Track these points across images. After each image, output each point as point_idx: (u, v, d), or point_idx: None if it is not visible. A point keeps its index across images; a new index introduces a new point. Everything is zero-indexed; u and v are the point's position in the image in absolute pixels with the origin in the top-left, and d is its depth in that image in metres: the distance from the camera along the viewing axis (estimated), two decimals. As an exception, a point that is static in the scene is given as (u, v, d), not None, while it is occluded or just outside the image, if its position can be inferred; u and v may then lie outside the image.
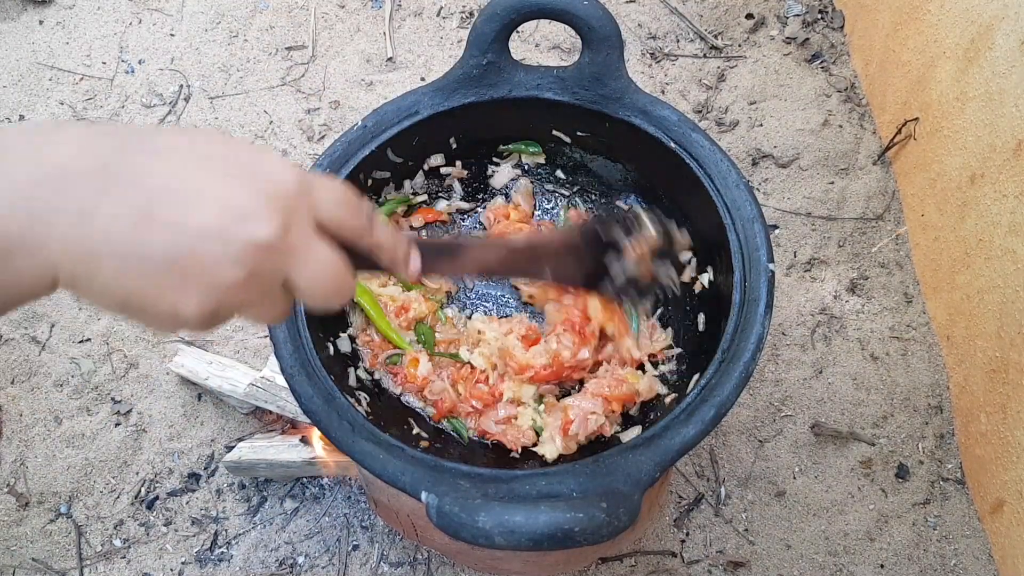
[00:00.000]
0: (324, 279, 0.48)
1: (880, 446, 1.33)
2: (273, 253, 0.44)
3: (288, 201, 0.45)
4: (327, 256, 0.48)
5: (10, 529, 1.30)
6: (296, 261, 0.46)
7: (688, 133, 0.92)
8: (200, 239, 0.42)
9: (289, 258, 0.46)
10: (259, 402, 1.30)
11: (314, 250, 0.47)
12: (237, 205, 0.43)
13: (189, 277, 0.42)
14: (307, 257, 0.47)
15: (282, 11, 1.81)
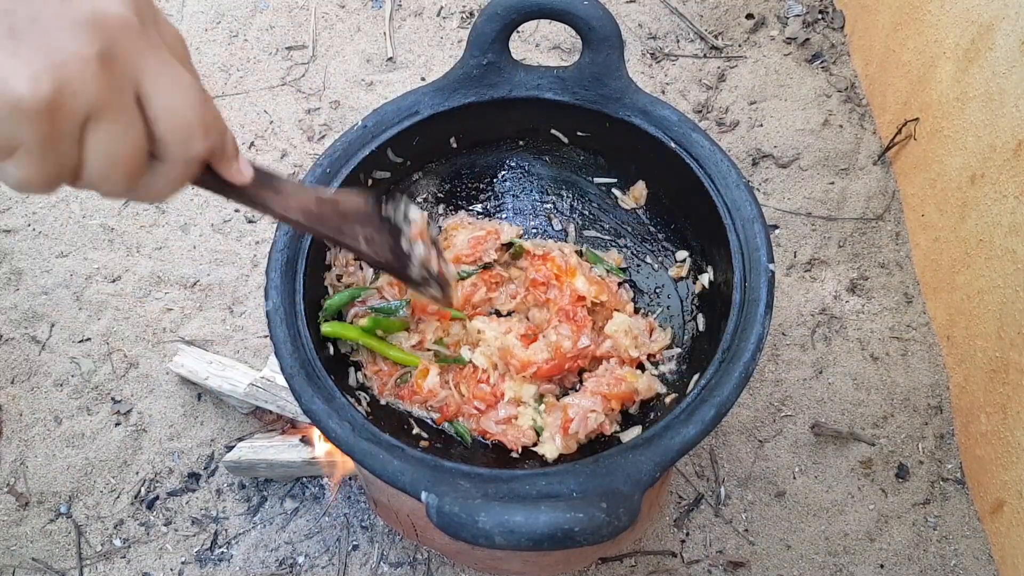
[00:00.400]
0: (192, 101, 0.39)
1: (880, 446, 1.33)
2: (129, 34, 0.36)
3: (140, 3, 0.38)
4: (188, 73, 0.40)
5: (10, 529, 1.30)
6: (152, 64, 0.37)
7: (688, 133, 0.92)
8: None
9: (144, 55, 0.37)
10: (259, 402, 1.30)
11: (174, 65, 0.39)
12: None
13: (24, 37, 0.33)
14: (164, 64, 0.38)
15: (282, 11, 1.80)
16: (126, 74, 0.37)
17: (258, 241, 1.54)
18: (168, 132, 0.39)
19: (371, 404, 0.90)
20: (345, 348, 0.95)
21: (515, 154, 1.08)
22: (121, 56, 0.36)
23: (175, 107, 0.38)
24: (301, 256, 0.88)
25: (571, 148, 1.05)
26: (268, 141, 1.65)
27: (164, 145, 0.39)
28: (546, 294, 0.98)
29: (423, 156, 1.03)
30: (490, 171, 1.09)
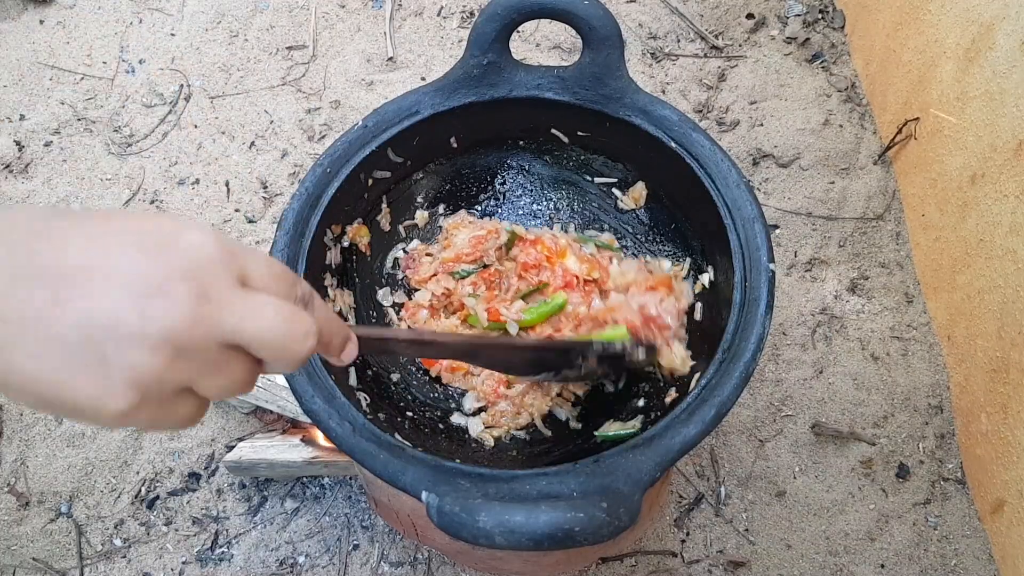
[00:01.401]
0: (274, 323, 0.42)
1: (880, 446, 1.33)
2: (198, 321, 0.40)
3: (207, 266, 0.41)
4: (268, 301, 0.43)
5: (10, 528, 1.30)
6: (230, 316, 0.41)
7: (689, 133, 0.92)
8: (111, 320, 0.38)
9: (220, 315, 0.41)
10: (260, 402, 1.31)
11: (249, 301, 0.42)
12: (145, 278, 0.39)
13: (105, 361, 0.38)
14: (243, 308, 0.42)
15: (282, 11, 1.81)
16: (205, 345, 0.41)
17: (258, 241, 1.54)
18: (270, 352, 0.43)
19: (371, 404, 0.90)
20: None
21: (515, 154, 1.08)
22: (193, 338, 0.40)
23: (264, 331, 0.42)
24: (301, 256, 0.88)
25: (571, 148, 1.05)
26: (268, 141, 1.65)
27: (266, 364, 0.45)
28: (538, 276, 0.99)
29: (423, 156, 1.03)
30: (490, 171, 1.09)
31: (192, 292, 0.40)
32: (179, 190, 1.60)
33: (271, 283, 0.45)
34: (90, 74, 1.74)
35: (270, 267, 0.45)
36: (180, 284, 0.40)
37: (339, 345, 0.53)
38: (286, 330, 0.43)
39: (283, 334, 0.43)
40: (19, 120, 1.68)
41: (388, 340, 0.65)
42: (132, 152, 1.64)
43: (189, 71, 1.74)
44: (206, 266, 0.41)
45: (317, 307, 0.49)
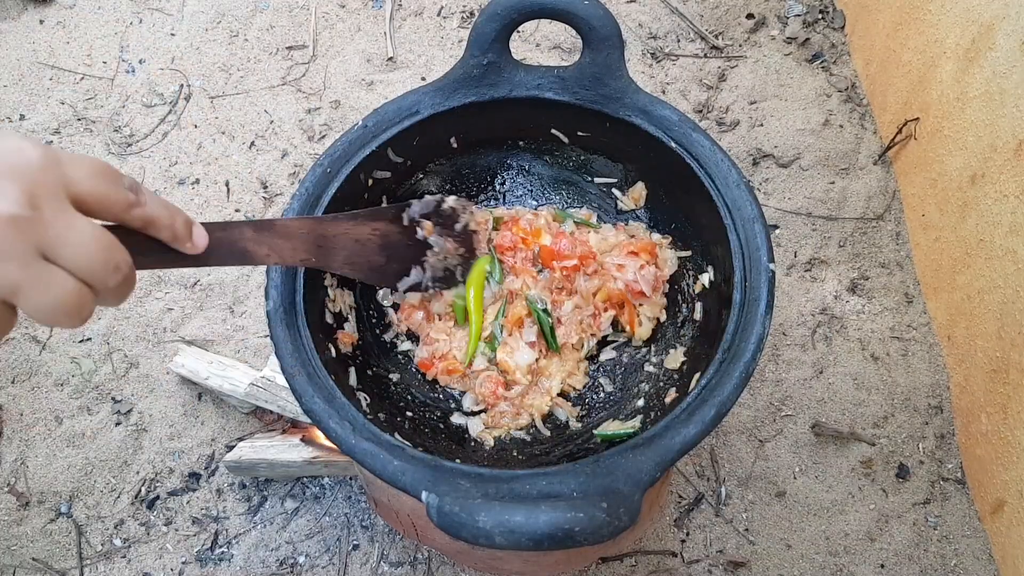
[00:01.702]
0: (91, 250, 0.45)
1: (880, 446, 1.33)
2: (21, 226, 0.42)
3: (32, 172, 0.43)
4: (88, 227, 0.45)
5: (10, 529, 1.30)
6: (53, 234, 0.44)
7: (689, 133, 0.92)
8: None
9: (44, 231, 0.43)
10: (259, 402, 1.30)
11: (71, 221, 0.45)
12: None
13: None
14: (65, 229, 0.44)
15: (283, 11, 1.81)
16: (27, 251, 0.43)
17: (258, 241, 1.54)
18: (88, 277, 0.45)
19: (371, 404, 0.90)
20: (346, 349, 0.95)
21: (515, 154, 1.08)
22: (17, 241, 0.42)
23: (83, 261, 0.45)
24: (301, 256, 0.88)
25: (571, 148, 1.05)
26: (268, 141, 1.65)
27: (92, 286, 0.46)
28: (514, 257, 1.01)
29: (423, 156, 1.03)
30: (490, 171, 1.09)
31: (19, 193, 0.42)
32: (179, 190, 1.60)
33: (97, 184, 0.47)
34: (90, 74, 1.74)
35: (92, 166, 0.47)
36: (8, 184, 0.42)
37: (184, 229, 0.54)
38: (101, 259, 0.45)
39: (98, 261, 0.45)
40: (19, 120, 1.68)
41: (229, 227, 0.65)
42: (132, 152, 1.64)
43: (189, 71, 1.74)
44: (34, 172, 0.43)
45: (147, 196, 0.51)
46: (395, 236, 0.85)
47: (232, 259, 0.64)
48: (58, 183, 0.45)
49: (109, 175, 0.49)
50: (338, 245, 0.77)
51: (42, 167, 0.44)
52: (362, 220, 0.81)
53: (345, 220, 0.80)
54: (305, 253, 0.73)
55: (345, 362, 0.93)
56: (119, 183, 0.49)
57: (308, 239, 0.73)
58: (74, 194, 0.46)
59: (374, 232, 0.82)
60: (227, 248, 0.63)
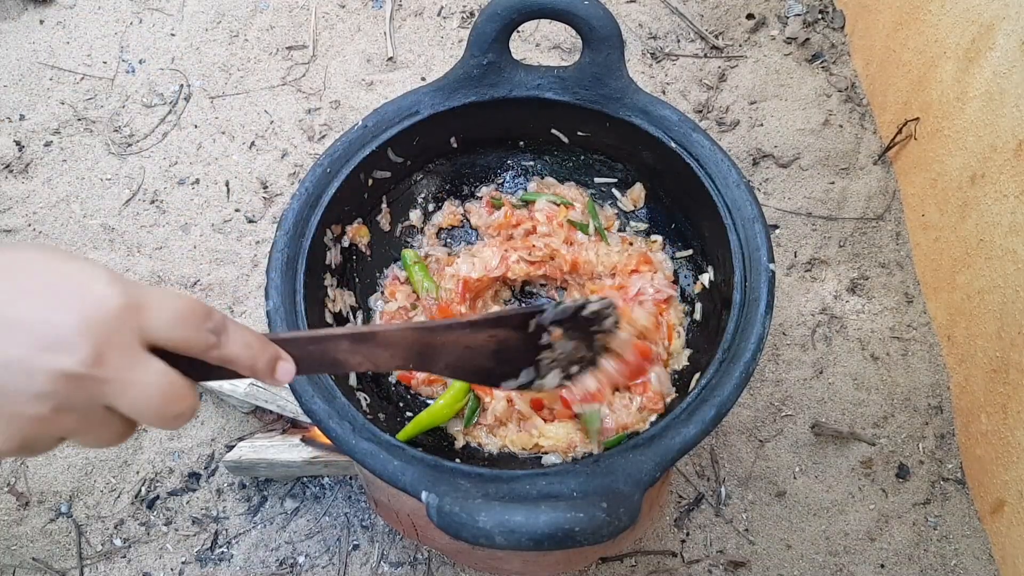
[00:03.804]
0: (152, 402, 0.45)
1: (880, 446, 1.33)
2: (83, 382, 0.42)
3: (107, 324, 0.43)
4: (155, 378, 0.45)
5: (10, 528, 1.30)
6: (115, 387, 0.44)
7: (689, 133, 0.92)
8: (2, 371, 0.40)
9: (106, 385, 0.43)
10: (259, 402, 1.31)
11: (137, 373, 0.44)
12: (45, 332, 0.41)
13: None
14: (128, 382, 0.44)
15: (283, 11, 1.81)
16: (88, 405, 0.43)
17: (258, 241, 1.54)
18: (145, 422, 0.46)
19: (371, 404, 0.90)
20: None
21: (515, 154, 1.08)
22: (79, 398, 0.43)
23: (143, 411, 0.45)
24: (301, 256, 0.88)
25: (571, 148, 1.05)
26: (268, 141, 1.65)
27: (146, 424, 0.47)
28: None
29: (423, 156, 1.03)
30: (490, 171, 1.09)
31: (88, 348, 0.42)
32: (179, 190, 1.60)
33: (176, 330, 0.47)
34: (90, 74, 1.74)
35: (175, 311, 0.47)
36: (80, 339, 0.41)
37: (266, 367, 0.53)
38: (161, 409, 0.46)
39: (158, 411, 0.46)
40: (19, 120, 1.68)
41: (324, 340, 0.61)
42: (132, 152, 1.64)
43: (189, 71, 1.74)
44: (109, 325, 0.43)
45: (231, 336, 0.50)
46: (513, 342, 0.74)
47: (322, 370, 0.62)
48: (133, 333, 0.44)
49: (192, 319, 0.48)
50: (446, 352, 0.70)
51: (120, 317, 0.44)
52: (480, 327, 0.72)
53: (459, 328, 0.71)
54: (403, 360, 0.67)
55: (345, 362, 0.93)
56: (201, 327, 0.48)
57: (411, 348, 0.67)
58: (150, 340, 0.46)
59: (490, 339, 0.73)
60: (317, 361, 0.60)
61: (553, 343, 0.76)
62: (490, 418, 0.92)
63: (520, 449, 0.91)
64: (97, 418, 0.45)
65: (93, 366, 0.42)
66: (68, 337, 0.41)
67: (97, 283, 0.44)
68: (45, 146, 1.65)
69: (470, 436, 0.93)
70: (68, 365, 0.41)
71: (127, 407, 0.45)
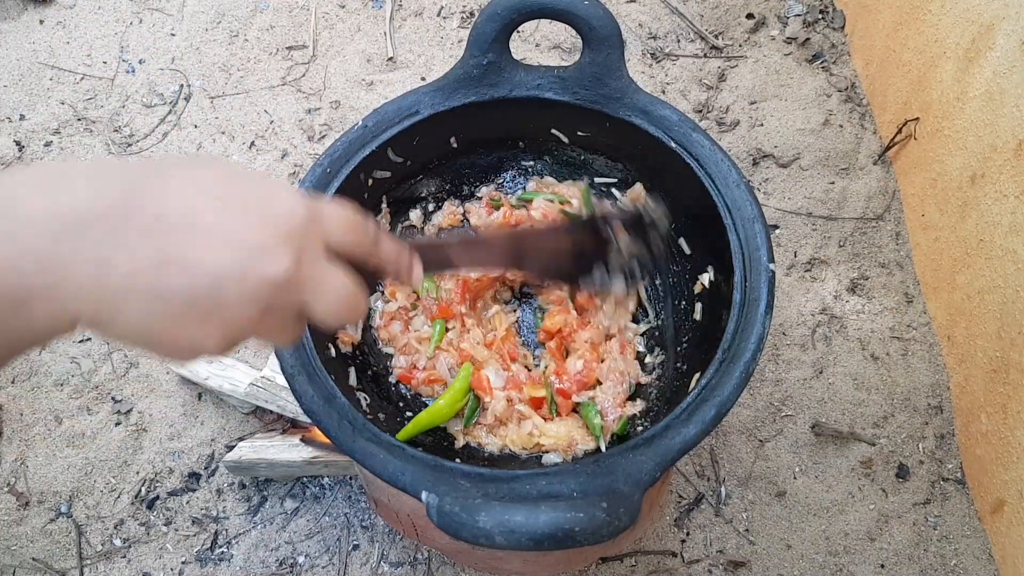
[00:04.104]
0: (340, 304, 0.49)
1: (880, 446, 1.33)
2: (288, 287, 0.45)
3: (300, 233, 0.46)
4: (341, 282, 0.49)
5: (10, 528, 1.30)
6: (311, 291, 0.47)
7: (689, 133, 0.92)
8: (217, 279, 0.42)
9: (304, 289, 0.47)
10: (260, 402, 1.30)
11: (328, 278, 0.48)
12: (251, 242, 0.43)
13: (210, 315, 0.43)
14: (322, 286, 0.48)
15: (282, 11, 1.81)
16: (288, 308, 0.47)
17: (258, 241, 1.54)
18: (328, 323, 0.50)
19: (371, 404, 0.90)
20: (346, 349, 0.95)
21: (515, 154, 1.08)
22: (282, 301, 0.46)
23: (331, 313, 0.49)
24: (301, 256, 0.87)
25: (571, 148, 1.05)
26: (268, 141, 1.65)
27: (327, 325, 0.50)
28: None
29: (423, 156, 1.03)
30: (490, 171, 1.09)
31: (290, 256, 0.45)
32: (179, 190, 1.60)
33: (348, 235, 0.51)
34: (90, 74, 1.74)
35: (345, 221, 0.51)
36: (281, 247, 0.44)
37: (406, 270, 0.60)
38: (345, 314, 0.50)
39: (343, 312, 0.50)
40: (19, 120, 1.68)
41: (442, 247, 0.70)
42: (132, 152, 1.64)
43: (189, 71, 1.74)
44: (300, 230, 0.46)
45: (384, 242, 0.56)
46: (588, 243, 0.85)
47: (438, 270, 0.72)
48: (319, 241, 0.48)
49: (358, 226, 0.52)
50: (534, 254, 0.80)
51: (309, 226, 0.47)
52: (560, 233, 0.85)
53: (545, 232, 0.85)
54: (501, 260, 0.78)
55: (345, 362, 0.93)
56: (364, 233, 0.53)
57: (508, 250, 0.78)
58: (329, 246, 0.49)
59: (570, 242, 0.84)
60: (436, 262, 0.69)
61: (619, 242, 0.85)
62: (490, 418, 0.92)
63: (521, 449, 0.91)
64: (292, 319, 0.48)
65: (295, 271, 0.45)
66: (273, 246, 0.44)
67: (284, 194, 0.47)
68: (45, 146, 1.65)
69: (470, 436, 0.93)
70: (275, 271, 0.44)
71: (318, 309, 0.48)
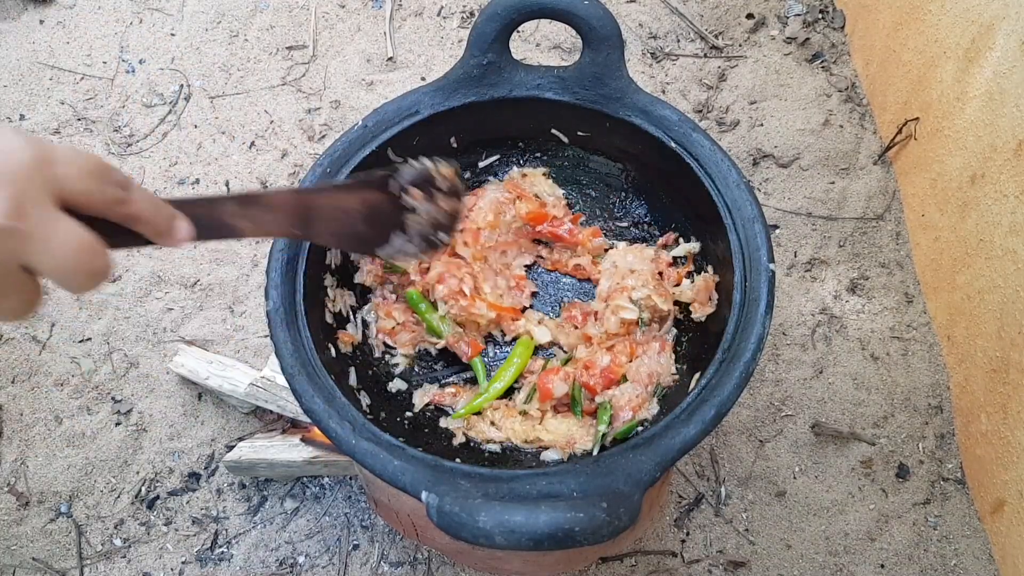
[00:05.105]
0: (69, 259, 0.45)
1: (880, 446, 1.33)
2: (4, 237, 0.41)
3: (20, 176, 0.42)
4: (71, 234, 0.45)
5: (10, 528, 1.30)
6: (33, 242, 0.43)
7: (689, 133, 0.92)
8: None
9: (24, 239, 0.43)
10: (259, 402, 1.30)
11: (54, 228, 0.44)
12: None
13: None
14: (46, 236, 0.43)
15: (282, 11, 1.80)
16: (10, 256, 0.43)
17: (258, 241, 1.54)
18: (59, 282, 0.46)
19: (371, 404, 0.90)
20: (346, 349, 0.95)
21: (515, 154, 1.08)
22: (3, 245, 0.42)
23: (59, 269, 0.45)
24: (301, 256, 0.88)
25: (571, 148, 1.05)
26: (268, 141, 1.65)
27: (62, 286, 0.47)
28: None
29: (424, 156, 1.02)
30: (490, 171, 1.09)
31: (7, 201, 0.41)
32: (179, 190, 1.60)
33: (86, 183, 0.46)
34: (90, 74, 1.74)
35: (82, 165, 0.47)
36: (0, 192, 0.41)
37: (165, 225, 0.54)
38: (78, 268, 0.45)
39: (73, 269, 0.45)
40: (19, 120, 1.68)
41: (214, 203, 0.63)
42: (132, 152, 1.64)
43: (189, 71, 1.74)
44: (24, 177, 0.42)
45: (135, 194, 0.51)
46: (381, 204, 0.80)
47: (215, 235, 0.64)
48: (46, 185, 0.44)
49: (99, 172, 0.48)
50: (323, 216, 0.74)
51: (33, 169, 0.43)
52: (349, 188, 0.79)
53: (331, 190, 0.78)
54: (288, 225, 0.71)
55: (345, 362, 0.93)
56: (108, 180, 0.49)
57: (293, 210, 0.71)
58: (61, 193, 0.45)
59: (361, 202, 0.78)
60: (209, 224, 0.63)
61: (416, 205, 0.81)
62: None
63: (522, 442, 0.91)
64: (13, 277, 0.44)
65: (15, 218, 0.41)
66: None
67: (6, 137, 0.43)
68: (45, 146, 1.65)
69: (471, 429, 0.93)
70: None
71: (45, 264, 0.44)
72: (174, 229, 0.55)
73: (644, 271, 0.97)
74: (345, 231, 0.78)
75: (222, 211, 0.64)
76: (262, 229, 0.68)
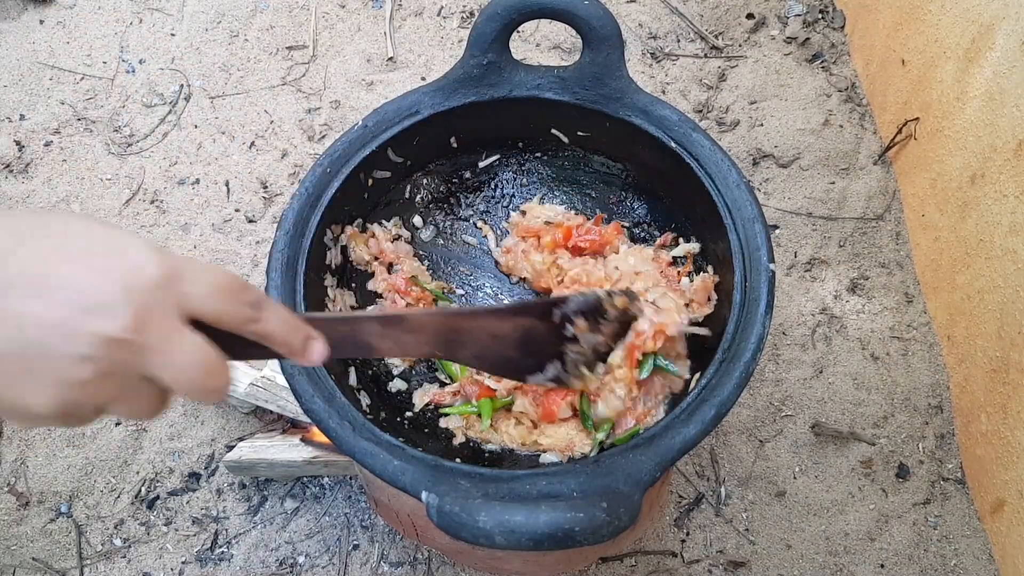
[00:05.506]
0: (190, 374, 0.45)
1: (880, 446, 1.33)
2: (125, 348, 0.42)
3: (147, 292, 0.43)
4: (193, 350, 0.45)
5: (10, 528, 1.30)
6: (155, 356, 0.43)
7: (689, 133, 0.92)
8: (44, 332, 0.40)
9: (146, 353, 0.43)
10: (260, 402, 1.30)
11: (177, 344, 0.44)
12: (88, 296, 0.40)
13: (35, 372, 0.40)
14: (168, 351, 0.44)
15: (283, 11, 1.80)
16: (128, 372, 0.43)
17: (258, 241, 1.54)
18: (180, 394, 0.46)
19: (371, 404, 0.90)
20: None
21: (515, 154, 1.08)
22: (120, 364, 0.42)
23: (181, 383, 0.45)
24: (301, 256, 0.88)
25: (571, 148, 1.05)
26: (268, 141, 1.65)
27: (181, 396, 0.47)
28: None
29: (423, 156, 1.03)
30: (490, 171, 1.09)
31: (130, 316, 0.41)
32: (179, 190, 1.60)
33: (214, 302, 0.46)
34: (90, 74, 1.74)
35: (213, 283, 0.47)
36: (121, 306, 0.41)
37: (300, 346, 0.54)
38: (198, 382, 0.45)
39: (194, 384, 0.45)
40: (19, 120, 1.68)
41: (354, 322, 0.62)
42: (132, 152, 1.64)
43: (189, 71, 1.74)
44: (150, 293, 0.43)
45: (268, 312, 0.50)
46: (539, 332, 0.75)
47: (351, 353, 0.63)
48: (173, 303, 0.44)
49: (231, 292, 0.48)
50: (471, 340, 0.70)
51: (160, 287, 0.43)
52: (504, 315, 0.73)
53: (483, 314, 0.72)
54: (430, 347, 0.68)
55: (345, 362, 0.93)
56: (240, 300, 0.48)
57: (437, 334, 0.68)
58: (189, 311, 0.45)
59: (515, 328, 0.73)
60: (350, 344, 0.62)
61: (578, 335, 0.75)
62: None
63: (520, 445, 0.91)
64: (135, 387, 0.45)
65: (134, 332, 0.42)
66: (110, 302, 0.41)
67: (136, 250, 0.44)
68: (45, 146, 1.65)
69: (471, 429, 0.93)
70: (110, 329, 0.41)
71: (166, 377, 0.45)
72: (309, 351, 0.54)
73: (649, 272, 0.96)
74: (492, 355, 0.73)
75: (364, 331, 0.62)
76: (402, 350, 0.66)
